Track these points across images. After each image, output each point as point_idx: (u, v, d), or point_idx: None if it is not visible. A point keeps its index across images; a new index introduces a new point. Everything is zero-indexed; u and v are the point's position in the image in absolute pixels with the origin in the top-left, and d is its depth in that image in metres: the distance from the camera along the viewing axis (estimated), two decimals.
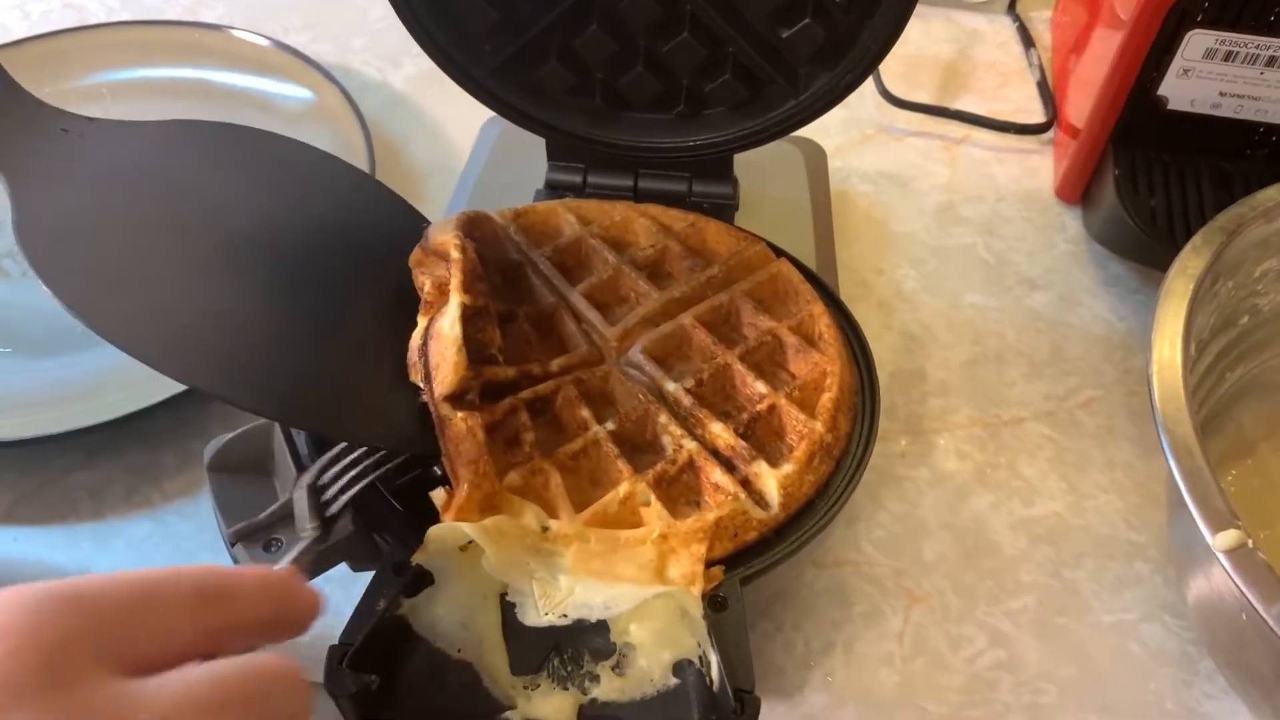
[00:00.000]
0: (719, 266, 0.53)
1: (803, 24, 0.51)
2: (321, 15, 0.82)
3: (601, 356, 0.49)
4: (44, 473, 0.57)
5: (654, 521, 0.42)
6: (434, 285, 0.47)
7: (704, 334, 0.49)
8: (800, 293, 0.52)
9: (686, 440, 0.44)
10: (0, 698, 0.25)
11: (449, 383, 0.43)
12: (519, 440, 0.44)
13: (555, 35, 0.54)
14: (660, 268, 0.54)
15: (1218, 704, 0.49)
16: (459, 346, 0.43)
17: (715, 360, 0.48)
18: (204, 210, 0.45)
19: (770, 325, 0.50)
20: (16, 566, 0.54)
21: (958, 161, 0.73)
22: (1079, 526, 0.56)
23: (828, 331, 0.49)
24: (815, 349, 0.48)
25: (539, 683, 0.40)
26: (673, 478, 0.43)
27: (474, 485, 0.41)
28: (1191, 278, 0.46)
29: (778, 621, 0.51)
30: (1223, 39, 0.58)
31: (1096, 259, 0.67)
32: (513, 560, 0.39)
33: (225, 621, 0.30)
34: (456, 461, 0.42)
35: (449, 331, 0.44)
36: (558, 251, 0.54)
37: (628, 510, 0.43)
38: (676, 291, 0.51)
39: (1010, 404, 0.60)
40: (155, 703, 0.27)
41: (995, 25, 0.82)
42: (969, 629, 0.52)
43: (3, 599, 0.27)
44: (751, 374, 0.47)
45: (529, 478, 0.43)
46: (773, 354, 0.49)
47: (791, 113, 0.55)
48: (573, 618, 0.39)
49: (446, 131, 0.73)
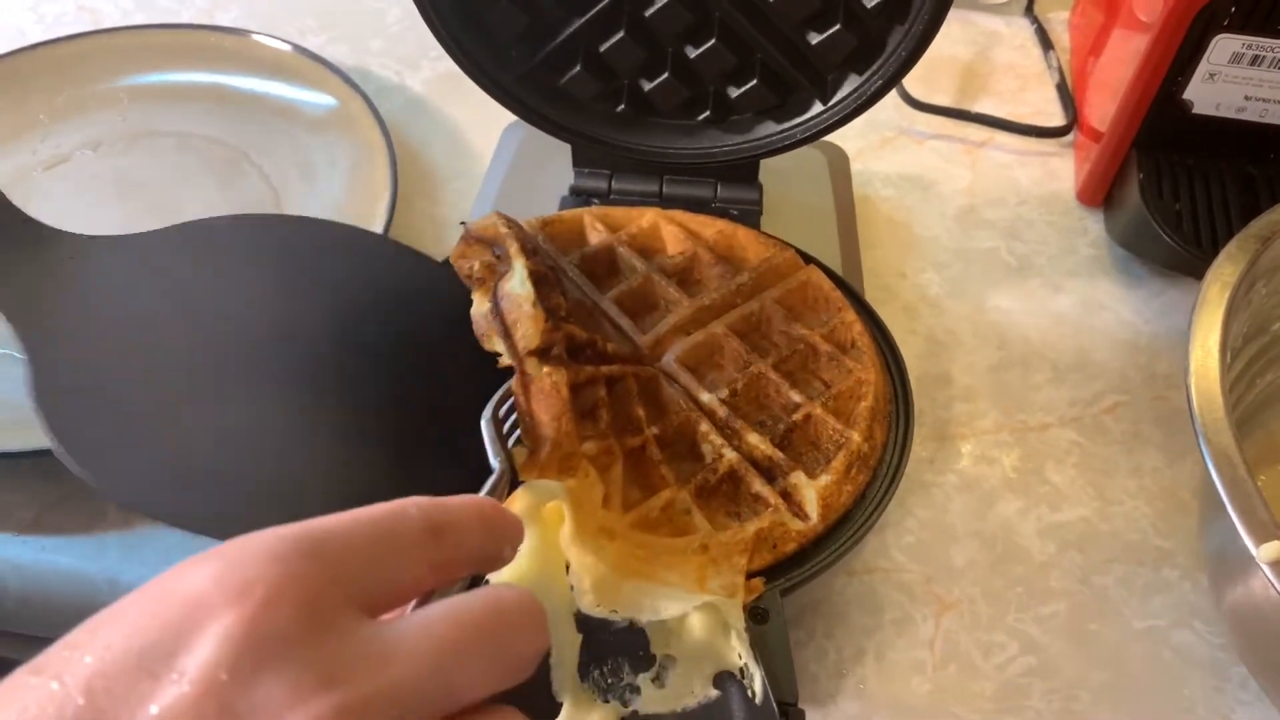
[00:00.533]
0: (749, 274, 0.52)
1: (833, 30, 0.51)
2: (338, 18, 0.82)
3: (638, 360, 0.49)
4: (69, 483, 0.56)
5: (695, 532, 0.41)
6: (482, 265, 0.46)
7: (736, 342, 0.49)
8: (831, 300, 0.52)
9: (727, 450, 0.44)
10: (264, 649, 0.24)
11: (532, 336, 0.42)
12: (595, 414, 0.43)
13: (582, 41, 0.54)
14: (690, 275, 0.54)
15: (1250, 710, 0.49)
16: (534, 301, 0.42)
17: (749, 370, 0.48)
18: (223, 327, 0.43)
19: (803, 333, 0.49)
20: (46, 576, 0.54)
21: (979, 165, 0.72)
22: (1107, 532, 0.56)
23: (860, 339, 0.49)
24: (849, 357, 0.48)
25: (581, 691, 0.40)
26: (713, 487, 0.43)
27: (555, 444, 0.39)
28: (1227, 285, 0.46)
29: (809, 629, 0.51)
30: (1249, 43, 0.58)
31: (1119, 262, 0.67)
32: (585, 534, 0.39)
33: (451, 555, 0.29)
34: (539, 418, 0.40)
35: (521, 289, 0.43)
36: (586, 260, 0.53)
37: (667, 518, 0.43)
38: (707, 299, 0.51)
39: (1036, 409, 0.60)
40: (406, 645, 0.26)
41: (1013, 27, 0.82)
42: (999, 636, 0.52)
43: (245, 549, 0.26)
44: (785, 383, 0.47)
45: (599, 456, 0.42)
46: (806, 362, 0.49)
47: (819, 119, 0.55)
48: (623, 616, 0.38)
49: (467, 135, 0.73)
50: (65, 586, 0.53)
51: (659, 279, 0.52)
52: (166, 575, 0.26)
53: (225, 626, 0.24)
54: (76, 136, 0.71)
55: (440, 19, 0.53)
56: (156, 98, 0.72)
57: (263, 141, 0.69)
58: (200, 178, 0.69)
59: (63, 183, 0.69)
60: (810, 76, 0.54)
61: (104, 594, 0.53)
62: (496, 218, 0.49)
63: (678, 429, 0.46)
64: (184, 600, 0.25)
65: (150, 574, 0.53)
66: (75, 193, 0.69)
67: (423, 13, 0.52)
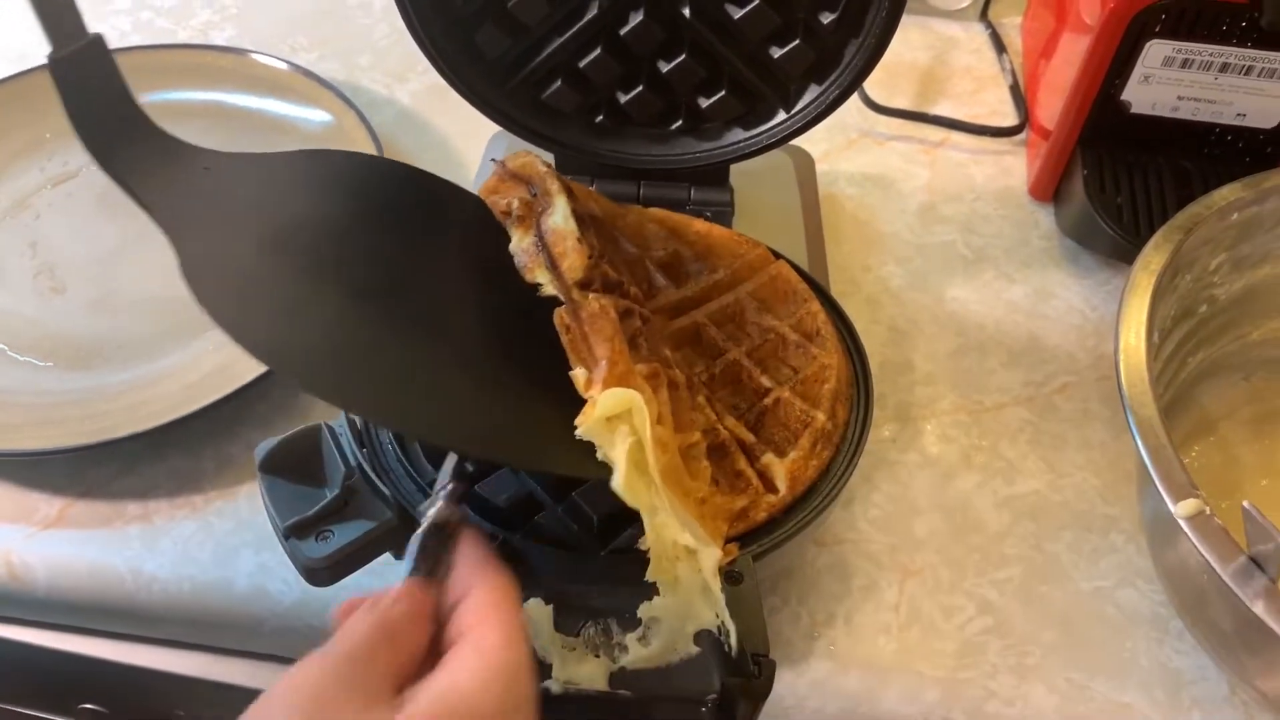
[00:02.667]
0: (724, 270, 0.56)
1: (794, 45, 0.56)
2: (328, 34, 0.86)
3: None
4: (88, 480, 0.60)
5: (701, 480, 0.45)
6: (521, 203, 0.48)
7: (714, 330, 0.53)
8: (798, 292, 0.56)
9: (720, 425, 0.48)
10: None
11: (578, 267, 0.45)
12: (635, 344, 0.46)
13: (563, 59, 0.58)
14: (670, 270, 0.57)
15: (1187, 659, 0.54)
16: (578, 236, 0.46)
17: (726, 356, 0.52)
18: (341, 242, 0.47)
19: (773, 324, 0.54)
20: (73, 567, 0.57)
21: (937, 163, 0.77)
22: (1058, 502, 0.60)
23: (825, 328, 0.53)
24: (814, 344, 0.53)
25: (575, 646, 0.44)
26: (712, 449, 0.47)
27: (612, 362, 0.42)
28: (1153, 273, 0.51)
29: (784, 596, 0.56)
30: (1179, 48, 0.62)
31: (1068, 253, 0.72)
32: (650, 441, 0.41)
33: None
34: (593, 340, 0.43)
35: (564, 225, 0.46)
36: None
37: (690, 456, 0.45)
38: (689, 290, 0.55)
39: (991, 391, 0.65)
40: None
41: (970, 32, 0.86)
42: (959, 599, 0.56)
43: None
44: (758, 369, 0.51)
45: (650, 377, 0.44)
46: (776, 350, 0.53)
47: (783, 126, 0.59)
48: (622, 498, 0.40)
49: (455, 144, 0.77)
50: (91, 577, 0.57)
51: (648, 263, 0.55)
52: None
53: None
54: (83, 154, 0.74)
55: (431, 41, 0.57)
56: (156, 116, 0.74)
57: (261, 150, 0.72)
58: None
59: (70, 198, 0.73)
60: (774, 87, 0.58)
61: (128, 583, 0.57)
62: (533, 157, 0.51)
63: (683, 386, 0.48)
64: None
65: (171, 562, 0.57)
66: (84, 206, 0.72)
67: (415, 36, 0.56)
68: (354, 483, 0.46)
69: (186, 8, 0.88)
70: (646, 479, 0.41)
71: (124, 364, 0.64)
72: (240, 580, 0.57)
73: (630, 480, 0.40)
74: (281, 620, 0.56)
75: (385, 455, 0.48)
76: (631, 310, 0.47)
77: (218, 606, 0.56)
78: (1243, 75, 0.63)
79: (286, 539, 0.45)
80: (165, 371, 0.63)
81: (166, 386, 0.62)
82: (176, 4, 0.88)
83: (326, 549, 0.44)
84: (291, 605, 0.56)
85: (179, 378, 0.63)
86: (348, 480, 0.46)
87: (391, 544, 0.46)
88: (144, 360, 0.64)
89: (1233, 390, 0.61)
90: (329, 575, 0.44)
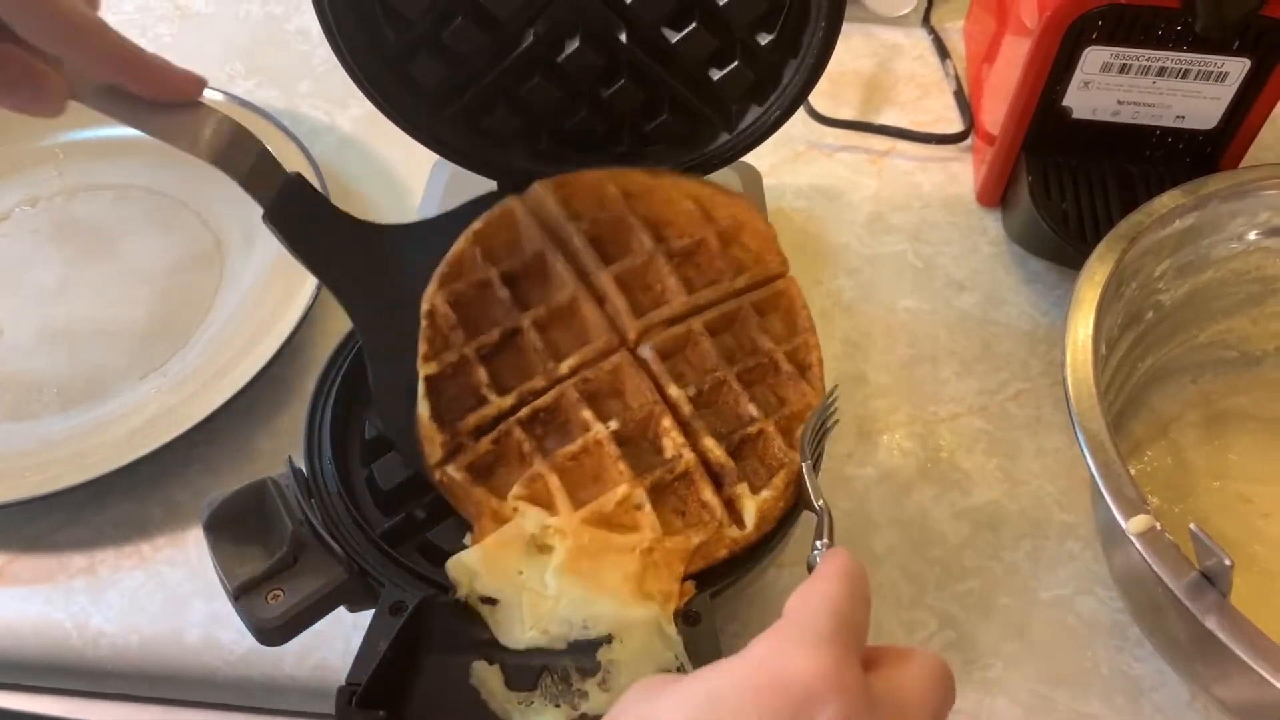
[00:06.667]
0: (744, 278, 0.54)
1: (733, 66, 0.55)
2: (265, 61, 0.84)
3: (620, 342, 0.51)
4: (31, 532, 0.59)
5: (645, 529, 0.45)
6: None
7: (709, 343, 0.51)
8: (799, 316, 0.54)
9: (686, 451, 0.47)
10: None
11: (431, 455, 0.48)
12: (522, 454, 0.48)
13: (501, 86, 0.57)
14: (692, 259, 0.55)
15: (1146, 665, 0.54)
16: (429, 421, 0.48)
17: (715, 375, 0.50)
18: None
19: (769, 347, 0.52)
20: (16, 624, 0.56)
21: (884, 173, 0.77)
22: (1015, 511, 0.60)
23: (818, 365, 0.52)
24: (805, 380, 0.51)
25: (533, 700, 0.43)
26: (667, 485, 0.47)
27: (481, 521, 0.45)
28: (1097, 285, 0.51)
29: (744, 621, 0.55)
30: (1117, 53, 0.63)
31: (1017, 259, 0.72)
32: (505, 575, 0.43)
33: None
34: (465, 508, 0.46)
35: (421, 411, 0.49)
36: (595, 225, 0.55)
37: (622, 511, 0.46)
38: (701, 298, 0.53)
39: (946, 401, 0.65)
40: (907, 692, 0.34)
41: (912, 38, 0.86)
42: (921, 614, 0.56)
43: (817, 644, 0.32)
44: (745, 395, 0.50)
45: (530, 485, 0.47)
46: (766, 376, 0.52)
47: (727, 146, 0.59)
48: (554, 635, 0.42)
49: (398, 172, 0.76)
50: (36, 634, 0.56)
51: (662, 261, 0.53)
52: (758, 671, 0.32)
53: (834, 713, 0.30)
54: (15, 194, 0.73)
55: (362, 70, 0.55)
56: (91, 154, 0.74)
57: (202, 191, 0.71)
58: (142, 227, 0.71)
59: (5, 239, 0.71)
60: (715, 109, 0.58)
61: (74, 639, 0.55)
62: (432, 289, 0.52)
63: (640, 423, 0.49)
64: (797, 694, 0.31)
65: (118, 616, 0.56)
66: (19, 248, 0.71)
67: (344, 64, 0.55)
68: (302, 537, 0.45)
69: None
70: (568, 579, 0.43)
71: (65, 409, 0.63)
72: (191, 631, 0.55)
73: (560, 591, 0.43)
74: (234, 670, 0.55)
75: (334, 507, 0.47)
76: (509, 431, 0.48)
77: (169, 658, 0.55)
78: (1180, 79, 0.64)
79: (236, 599, 0.44)
80: (109, 416, 0.62)
81: (111, 432, 0.61)
82: None
83: (278, 609, 0.43)
84: (244, 654, 0.55)
85: (124, 423, 0.61)
86: (295, 535, 0.45)
87: (344, 599, 0.45)
88: (87, 404, 0.63)
89: (1182, 393, 0.61)
90: (281, 635, 0.44)
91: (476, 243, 0.54)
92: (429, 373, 0.49)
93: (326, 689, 0.52)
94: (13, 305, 0.68)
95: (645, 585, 0.44)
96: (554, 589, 0.43)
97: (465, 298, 0.52)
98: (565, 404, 0.49)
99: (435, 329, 0.51)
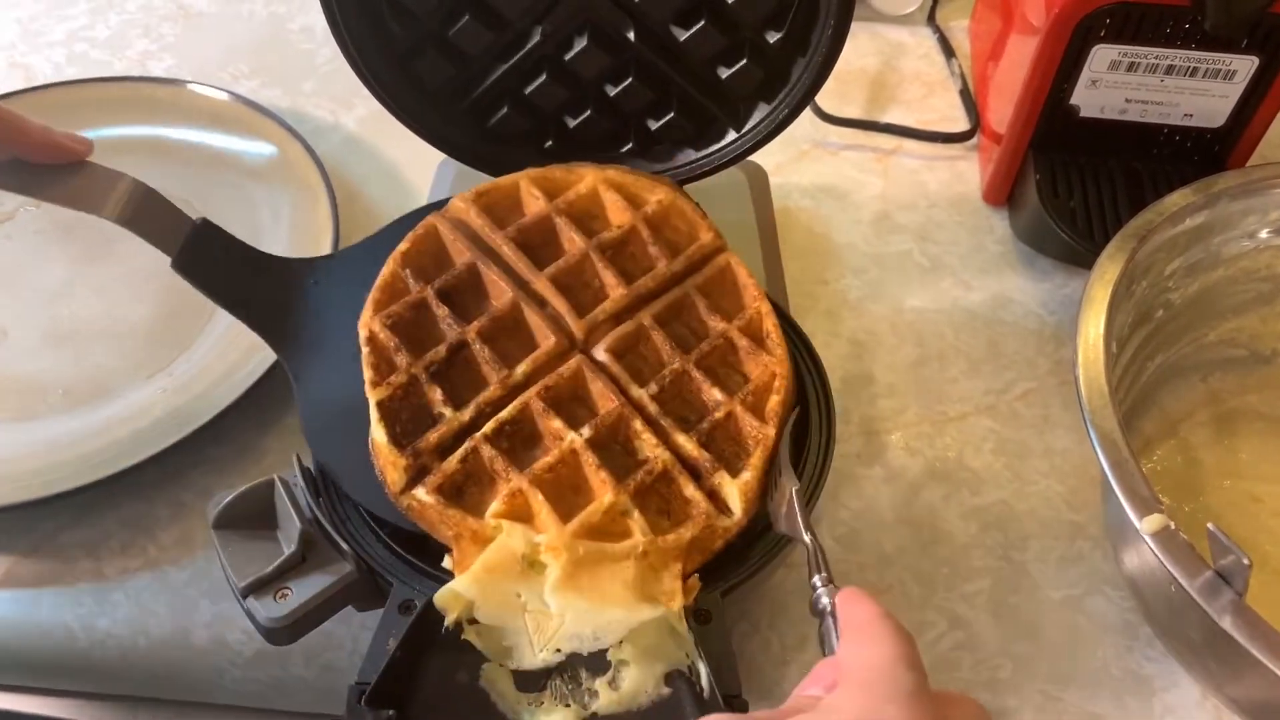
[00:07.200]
0: (681, 260, 0.53)
1: (741, 64, 0.55)
2: (269, 60, 0.84)
3: (570, 344, 0.51)
4: (35, 534, 0.59)
5: (636, 534, 0.45)
6: None
7: (661, 335, 0.51)
8: (747, 286, 0.53)
9: (660, 450, 0.47)
10: None
11: (395, 482, 0.46)
12: (493, 471, 0.47)
13: (508, 86, 0.57)
14: (625, 249, 0.54)
15: (1157, 666, 0.54)
16: (387, 446, 0.47)
17: (673, 366, 0.50)
18: None
19: (721, 327, 0.51)
20: (22, 627, 0.56)
21: (890, 172, 0.77)
22: (1024, 511, 0.60)
23: (775, 331, 0.51)
24: (764, 350, 0.51)
25: (543, 700, 0.43)
26: (648, 487, 0.46)
27: (460, 543, 0.44)
28: (1108, 284, 0.51)
29: (753, 622, 0.55)
30: (1125, 51, 0.63)
31: (1024, 257, 0.72)
32: (504, 601, 0.43)
33: None
34: (438, 531, 0.45)
35: (376, 437, 0.47)
36: (522, 231, 0.53)
37: (609, 519, 0.45)
38: (641, 287, 0.52)
39: (954, 400, 0.65)
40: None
41: (917, 36, 0.86)
42: (930, 614, 0.56)
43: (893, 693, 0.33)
44: (707, 381, 0.49)
45: (510, 501, 0.46)
46: (725, 357, 0.52)
47: (734, 145, 0.59)
48: (566, 651, 0.42)
49: (403, 171, 0.76)
50: (42, 636, 0.56)
51: (595, 258, 0.53)
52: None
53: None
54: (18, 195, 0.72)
55: (369, 68, 0.55)
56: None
57: (205, 190, 0.71)
58: None
59: (9, 240, 0.71)
60: (723, 107, 0.57)
61: (80, 640, 0.55)
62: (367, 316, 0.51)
63: (610, 428, 0.48)
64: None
65: (124, 618, 0.56)
66: (23, 247, 0.71)
67: (351, 64, 0.55)
68: (311, 536, 0.45)
69: (123, 38, 0.86)
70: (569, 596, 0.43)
71: (71, 409, 0.63)
72: (198, 632, 0.55)
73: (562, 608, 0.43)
74: (243, 671, 0.54)
75: (342, 505, 0.47)
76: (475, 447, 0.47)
77: (176, 660, 0.55)
78: (1188, 77, 0.63)
79: (244, 598, 0.44)
80: (115, 417, 0.62)
81: (116, 434, 0.60)
82: (113, 34, 0.86)
83: (285, 608, 0.43)
84: (253, 656, 0.54)
85: (129, 424, 0.61)
86: (304, 534, 0.45)
87: (352, 598, 0.45)
88: (92, 404, 0.63)
89: (1191, 392, 0.61)
90: (289, 635, 0.43)
91: (405, 264, 0.52)
92: (379, 398, 0.48)
93: (334, 689, 0.52)
94: (17, 306, 0.68)
95: (647, 589, 0.43)
96: (556, 606, 0.43)
97: (403, 319, 0.51)
98: (531, 414, 0.48)
99: (377, 354, 0.49)
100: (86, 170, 0.51)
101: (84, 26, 0.87)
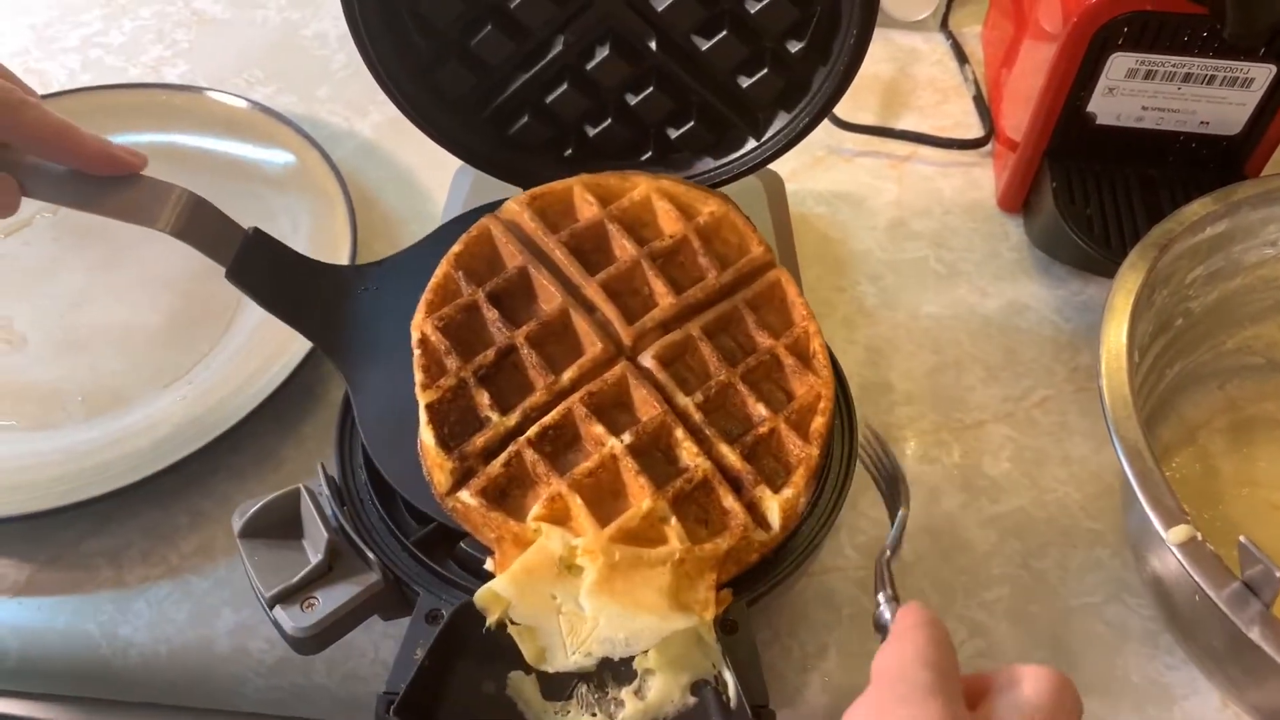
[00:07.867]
0: (732, 272, 0.53)
1: (762, 74, 0.55)
2: (284, 67, 0.84)
3: (617, 352, 0.51)
4: (56, 543, 0.59)
5: (673, 541, 0.45)
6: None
7: (708, 347, 0.51)
8: (796, 304, 0.53)
9: (701, 460, 0.47)
10: None
11: (441, 484, 0.47)
12: (536, 475, 0.47)
13: (529, 95, 0.57)
14: (676, 258, 0.54)
15: (1178, 674, 0.54)
16: (435, 448, 0.47)
17: (719, 378, 0.50)
18: None
19: (769, 344, 0.51)
20: (44, 635, 0.56)
21: (905, 178, 0.77)
22: (1043, 519, 0.60)
23: (821, 352, 0.52)
24: (810, 370, 0.51)
25: (569, 709, 0.43)
26: (688, 495, 0.46)
27: (502, 545, 0.44)
28: (1130, 293, 0.51)
29: (774, 630, 0.55)
30: (1142, 59, 0.63)
31: (1039, 264, 0.72)
32: (540, 602, 0.43)
33: None
34: (482, 533, 0.45)
35: (425, 438, 0.48)
36: (574, 236, 0.54)
37: (648, 525, 0.45)
38: (690, 297, 0.52)
39: (971, 408, 0.65)
40: None
41: (931, 43, 0.86)
42: (949, 622, 0.55)
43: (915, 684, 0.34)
44: (752, 395, 0.50)
45: (550, 505, 0.46)
46: (770, 373, 0.52)
47: (754, 154, 0.59)
48: (597, 655, 0.42)
49: (419, 177, 0.76)
50: (65, 644, 0.56)
51: (646, 265, 0.53)
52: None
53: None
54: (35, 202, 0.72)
55: (391, 79, 0.55)
56: None
57: (223, 199, 0.69)
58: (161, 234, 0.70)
59: (27, 247, 0.71)
60: (743, 116, 0.57)
61: (102, 648, 0.55)
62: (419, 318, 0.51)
63: (652, 434, 0.48)
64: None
65: (146, 626, 0.56)
66: (41, 254, 0.71)
67: (374, 73, 0.55)
68: (337, 545, 0.45)
69: (137, 44, 0.86)
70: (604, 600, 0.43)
71: (90, 418, 0.63)
72: (220, 640, 0.55)
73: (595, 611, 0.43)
74: (265, 679, 0.54)
75: (367, 514, 0.47)
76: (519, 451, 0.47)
77: (197, 668, 0.55)
78: (1205, 85, 0.64)
79: (271, 608, 0.44)
80: (134, 426, 0.62)
81: (135, 443, 0.60)
82: (127, 40, 0.86)
83: (313, 617, 0.43)
84: (275, 664, 0.54)
85: (148, 433, 0.61)
86: (330, 543, 0.45)
87: (379, 607, 0.45)
88: (111, 413, 0.63)
89: (1209, 399, 0.61)
90: (316, 644, 0.44)
91: (457, 266, 0.52)
92: (429, 400, 0.48)
93: (357, 699, 0.53)
94: (35, 313, 0.68)
95: (681, 597, 0.44)
96: (590, 609, 0.43)
97: (454, 322, 0.51)
98: (573, 420, 0.48)
99: (429, 356, 0.50)
100: (139, 183, 0.50)
101: (98, 32, 0.87)
